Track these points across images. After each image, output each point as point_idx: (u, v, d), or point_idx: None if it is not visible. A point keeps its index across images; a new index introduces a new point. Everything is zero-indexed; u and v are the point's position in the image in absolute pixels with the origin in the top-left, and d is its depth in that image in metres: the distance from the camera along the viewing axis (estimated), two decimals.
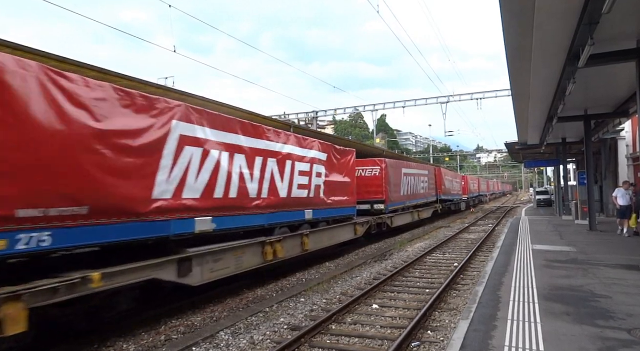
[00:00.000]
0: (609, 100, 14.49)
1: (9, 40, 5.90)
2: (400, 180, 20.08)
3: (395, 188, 19.18)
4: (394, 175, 19.03)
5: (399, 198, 19.74)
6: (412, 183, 22.20)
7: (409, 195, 21.65)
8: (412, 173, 22.41)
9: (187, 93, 9.17)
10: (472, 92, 32.66)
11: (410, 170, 22.23)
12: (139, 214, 6.36)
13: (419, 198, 23.76)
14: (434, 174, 28.06)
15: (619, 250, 11.31)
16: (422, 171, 24.76)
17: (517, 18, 7.52)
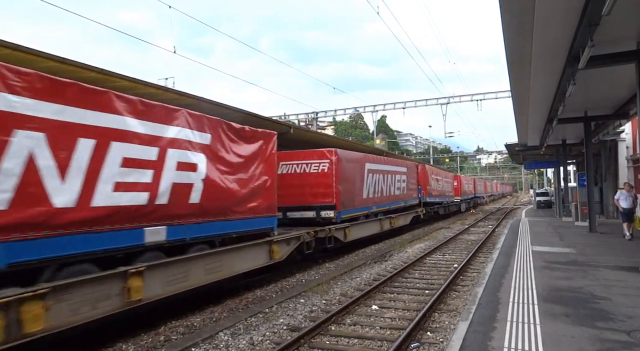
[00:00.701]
0: (609, 102, 14.49)
1: (9, 41, 5.91)
2: (362, 178, 16.09)
3: (353, 189, 15.15)
4: (351, 171, 15.04)
5: (360, 202, 15.85)
6: (381, 183, 18.13)
7: (377, 198, 17.61)
8: (381, 171, 18.28)
9: (186, 94, 9.18)
10: (472, 94, 32.67)
11: (378, 165, 17.96)
12: None
13: (392, 201, 19.71)
14: (416, 172, 24.22)
15: (619, 252, 11.31)
16: (397, 168, 20.50)
17: (517, 20, 7.52)
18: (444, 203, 31.64)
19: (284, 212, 13.17)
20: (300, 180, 13.70)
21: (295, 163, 13.93)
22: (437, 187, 29.05)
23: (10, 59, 6.08)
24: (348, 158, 14.92)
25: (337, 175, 13.63)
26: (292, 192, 13.45)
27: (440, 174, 31.23)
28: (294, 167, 13.93)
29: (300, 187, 13.63)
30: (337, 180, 13.63)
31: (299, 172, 13.87)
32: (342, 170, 14.02)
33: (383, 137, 76.72)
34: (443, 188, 31.14)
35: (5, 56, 6.04)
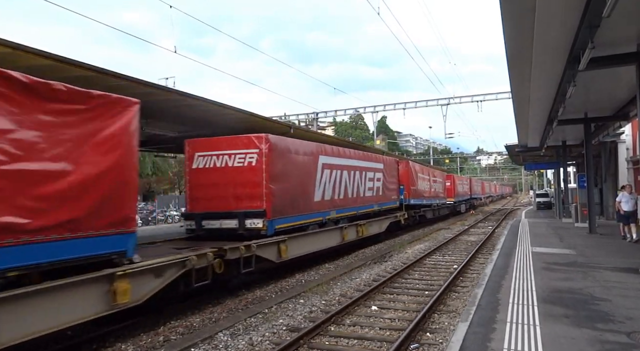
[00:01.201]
0: (609, 104, 14.49)
1: (9, 40, 5.91)
2: (313, 175, 12.61)
3: (297, 189, 11.65)
4: (294, 166, 11.54)
5: (309, 206, 12.36)
6: (345, 181, 14.67)
7: (339, 201, 14.22)
8: (344, 166, 14.72)
9: (187, 94, 9.18)
10: (472, 95, 32.71)
11: (339, 160, 14.42)
12: None
13: (361, 205, 16.10)
14: (397, 170, 20.91)
15: (619, 253, 11.30)
16: (368, 163, 16.94)
17: (518, 21, 7.52)
18: (433, 206, 28.18)
19: (198, 221, 10.52)
20: (221, 177, 10.43)
21: (216, 154, 10.54)
22: (425, 187, 25.75)
23: (10, 57, 6.08)
24: (289, 149, 11.37)
25: (269, 171, 10.23)
26: (211, 193, 10.50)
27: (429, 173, 27.75)
28: (213, 159, 10.57)
29: (221, 186, 10.38)
30: (268, 176, 10.21)
31: (219, 165, 10.49)
32: (277, 163, 10.61)
33: (383, 137, 76.79)
34: (433, 189, 27.97)
35: (5, 55, 6.04)
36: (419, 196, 24.02)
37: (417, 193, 23.51)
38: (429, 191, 26.84)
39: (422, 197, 24.81)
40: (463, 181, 43.16)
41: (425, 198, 25.64)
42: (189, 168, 10.86)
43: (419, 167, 25.57)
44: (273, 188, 10.35)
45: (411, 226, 23.78)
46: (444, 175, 33.54)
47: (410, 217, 22.69)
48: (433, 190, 28.07)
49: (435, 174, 29.90)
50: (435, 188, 29.02)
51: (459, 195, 38.52)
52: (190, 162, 10.85)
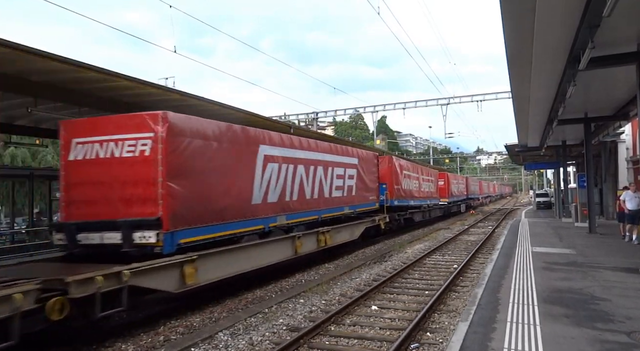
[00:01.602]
0: (609, 103, 14.49)
1: (10, 41, 5.91)
2: (249, 170, 9.62)
3: (219, 188, 8.60)
4: (215, 157, 8.51)
5: (239, 212, 9.22)
6: (301, 179, 11.72)
7: (293, 203, 11.26)
8: (301, 160, 11.73)
9: (188, 94, 9.18)
10: (472, 94, 32.71)
11: (292, 152, 11.39)
12: None
13: (326, 208, 13.16)
14: (376, 166, 17.54)
15: (619, 253, 11.31)
16: (338, 158, 14.01)
17: (518, 21, 7.53)
18: (422, 207, 25.45)
19: (70, 234, 7.38)
20: (105, 172, 7.51)
21: (99, 140, 7.59)
22: (413, 186, 23.13)
23: (11, 58, 6.09)
24: (204, 134, 8.24)
25: (168, 163, 7.28)
26: (91, 194, 7.58)
27: (419, 170, 25.13)
28: (96, 147, 7.61)
29: (106, 185, 7.49)
30: (167, 171, 7.26)
31: (103, 156, 7.56)
32: (183, 153, 7.65)
33: (383, 137, 76.77)
34: (422, 188, 25.42)
35: (6, 55, 6.04)
36: (405, 196, 21.25)
37: (402, 193, 20.80)
38: (418, 191, 24.37)
39: (409, 197, 22.08)
40: (459, 180, 40.24)
41: (413, 199, 22.95)
42: (64, 160, 7.89)
43: (406, 164, 22.88)
44: (175, 188, 7.35)
45: (395, 231, 20.69)
46: (436, 174, 30.66)
47: (394, 221, 19.63)
48: (423, 190, 25.64)
49: (427, 172, 27.18)
50: (426, 188, 26.49)
51: (454, 195, 36.06)
52: (66, 151, 7.86)
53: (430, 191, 27.60)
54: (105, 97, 9.05)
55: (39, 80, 7.68)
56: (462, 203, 40.74)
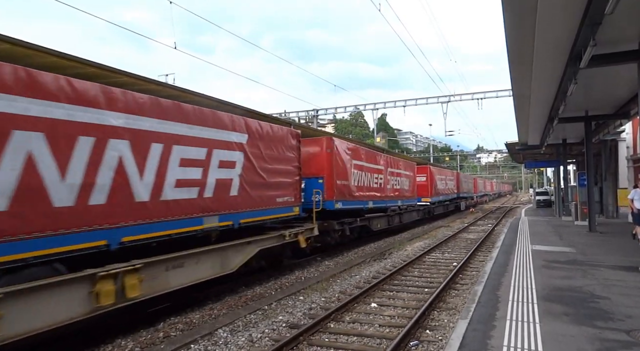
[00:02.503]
0: (610, 102, 14.47)
1: (9, 36, 5.89)
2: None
3: None
4: None
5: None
6: (72, 166, 5.79)
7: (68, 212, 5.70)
8: (88, 128, 6.02)
9: (187, 90, 9.15)
10: (473, 92, 32.60)
11: (109, 116, 6.34)
12: None
13: (151, 221, 6.88)
14: (296, 150, 11.68)
15: (619, 252, 11.31)
16: (191, 130, 7.82)
17: (519, 19, 7.50)
18: (390, 210, 19.55)
19: None
20: None
21: None
22: (373, 182, 17.33)
23: (10, 54, 6.06)
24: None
25: None
26: None
27: (386, 161, 19.20)
28: None
29: None
30: None
31: None
32: None
33: (383, 135, 76.71)
34: (391, 185, 19.68)
35: (5, 51, 6.01)
36: (357, 197, 15.38)
37: (352, 192, 14.91)
38: (382, 188, 18.36)
39: (364, 197, 16.14)
40: (447, 176, 34.26)
41: (371, 199, 16.99)
42: None
43: (358, 150, 15.93)
44: None
45: (334, 246, 14.90)
46: (413, 167, 24.74)
47: (333, 232, 13.97)
48: (392, 188, 19.86)
49: (398, 164, 21.06)
50: (398, 185, 20.76)
51: (441, 194, 30.49)
52: None
53: (404, 189, 21.68)
54: None
55: None
56: (452, 203, 35.81)
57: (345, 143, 14.86)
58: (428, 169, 28.01)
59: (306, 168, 12.48)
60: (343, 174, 14.28)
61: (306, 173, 12.54)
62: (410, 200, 23.35)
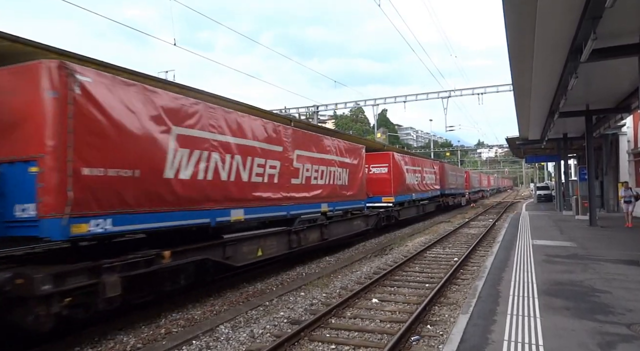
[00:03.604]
0: (611, 96, 14.43)
1: (9, 33, 5.88)
2: None
3: None
4: None
5: None
6: None
7: None
8: None
9: (187, 87, 9.14)
10: (473, 87, 32.56)
11: None
12: None
13: None
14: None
15: (620, 246, 11.31)
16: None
17: (520, 12, 7.47)
18: (301, 219, 11.60)
19: None
20: None
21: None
22: (266, 172, 10.03)
23: (10, 51, 6.05)
24: None
25: None
26: None
27: (311, 141, 12.59)
28: None
29: None
30: None
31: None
32: None
33: (384, 130, 76.65)
34: (315, 181, 12.53)
35: (5, 48, 6.01)
36: (252, 201, 9.41)
37: (233, 194, 8.73)
38: (284, 186, 10.80)
39: (258, 203, 9.65)
40: (424, 167, 25.30)
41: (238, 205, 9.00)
42: None
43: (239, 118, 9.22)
44: None
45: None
46: (361, 153, 16.24)
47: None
48: (316, 184, 12.58)
49: (322, 145, 13.22)
50: (330, 179, 13.48)
51: (413, 191, 22.69)
52: None
53: (342, 185, 14.30)
54: None
55: None
56: (432, 202, 27.86)
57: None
58: (390, 157, 19.71)
59: None
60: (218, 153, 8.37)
61: None
62: (355, 203, 15.52)
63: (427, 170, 26.16)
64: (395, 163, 19.98)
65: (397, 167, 20.09)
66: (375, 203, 18.76)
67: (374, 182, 19.00)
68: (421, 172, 24.81)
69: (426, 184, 25.75)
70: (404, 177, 21.13)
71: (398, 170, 20.24)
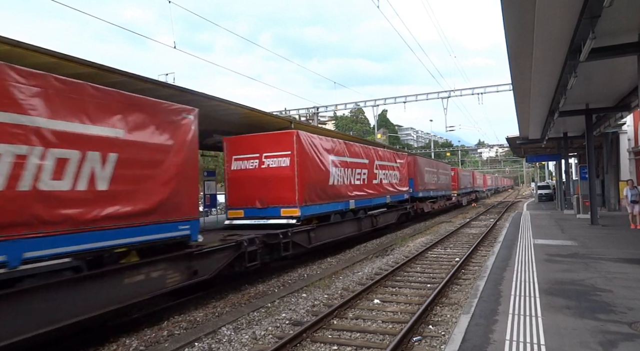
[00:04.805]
0: (610, 94, 14.44)
1: (8, 37, 5.89)
2: None
3: None
4: None
5: None
6: None
7: None
8: None
9: (187, 90, 9.15)
10: (473, 87, 32.54)
11: None
12: None
13: None
14: None
15: (621, 244, 11.31)
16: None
17: (519, 12, 7.48)
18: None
19: None
20: None
21: None
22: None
23: (9, 55, 6.07)
24: None
25: None
26: None
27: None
28: None
29: None
30: None
31: None
32: None
33: (384, 131, 76.60)
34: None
35: (4, 52, 6.03)
36: None
37: None
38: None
39: None
40: (377, 160, 17.43)
41: None
42: None
43: None
44: None
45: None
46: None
47: None
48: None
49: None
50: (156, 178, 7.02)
51: (340, 195, 13.95)
52: None
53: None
54: None
55: None
56: (394, 210, 19.83)
57: None
58: (293, 140, 11.53)
59: None
60: None
61: None
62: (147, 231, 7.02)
63: (380, 163, 17.62)
64: (302, 149, 11.61)
65: (306, 156, 11.80)
66: (264, 219, 11.57)
67: (267, 183, 11.52)
68: (368, 166, 16.31)
69: (380, 185, 17.53)
70: (322, 173, 12.74)
71: (308, 160, 11.96)
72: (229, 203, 12.26)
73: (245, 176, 11.92)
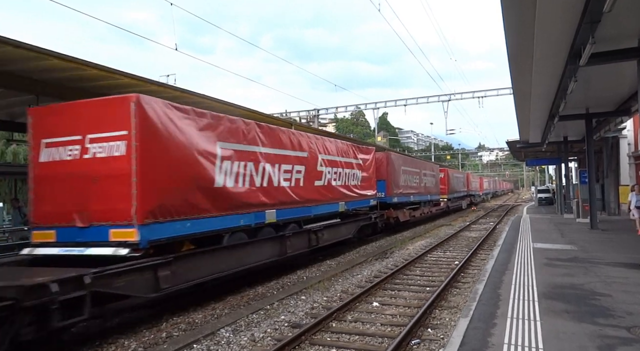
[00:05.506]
0: (610, 99, 14.46)
1: (10, 38, 5.93)
2: None
3: None
4: None
5: None
6: None
7: None
8: None
9: (188, 91, 9.19)
10: (473, 91, 32.54)
11: None
12: None
13: None
14: None
15: (620, 249, 11.31)
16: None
17: (519, 17, 7.51)
18: None
19: None
20: None
21: None
22: None
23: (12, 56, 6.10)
24: None
25: None
26: None
27: None
28: None
29: None
30: None
31: None
32: None
33: (384, 134, 76.71)
34: None
35: (7, 53, 6.06)
36: None
37: None
38: None
39: None
40: (322, 154, 12.84)
41: None
42: None
43: None
44: None
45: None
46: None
47: None
48: None
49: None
50: None
51: (237, 205, 8.81)
52: None
53: None
54: (108, 95, 9.04)
55: (41, 78, 7.70)
56: (352, 220, 15.26)
57: None
58: (132, 112, 6.61)
59: None
60: None
61: None
62: None
63: (328, 159, 13.33)
64: (148, 126, 6.88)
65: (157, 138, 7.04)
66: (84, 246, 6.87)
67: (92, 184, 6.88)
68: (307, 161, 11.93)
69: (328, 187, 13.24)
70: (197, 168, 7.87)
71: (163, 145, 7.16)
72: (34, 218, 7.32)
73: (62, 173, 7.06)
